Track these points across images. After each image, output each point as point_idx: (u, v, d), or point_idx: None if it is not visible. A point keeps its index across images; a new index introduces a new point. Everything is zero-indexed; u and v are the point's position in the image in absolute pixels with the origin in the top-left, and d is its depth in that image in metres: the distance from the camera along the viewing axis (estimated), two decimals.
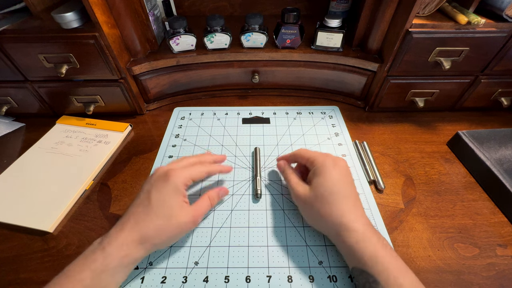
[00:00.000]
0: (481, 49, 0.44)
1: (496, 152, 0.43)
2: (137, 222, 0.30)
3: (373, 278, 0.26)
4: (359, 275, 0.28)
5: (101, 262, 0.27)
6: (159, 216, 0.30)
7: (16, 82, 0.49)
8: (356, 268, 0.28)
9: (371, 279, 0.26)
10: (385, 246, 0.28)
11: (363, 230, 0.29)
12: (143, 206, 0.31)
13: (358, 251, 0.28)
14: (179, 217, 0.31)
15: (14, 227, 0.37)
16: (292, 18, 0.49)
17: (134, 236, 0.29)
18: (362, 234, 0.29)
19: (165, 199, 0.31)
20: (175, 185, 0.31)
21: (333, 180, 0.32)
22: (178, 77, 0.55)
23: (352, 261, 0.29)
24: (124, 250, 0.28)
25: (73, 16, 0.41)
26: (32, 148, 0.48)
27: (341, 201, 0.31)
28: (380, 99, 0.53)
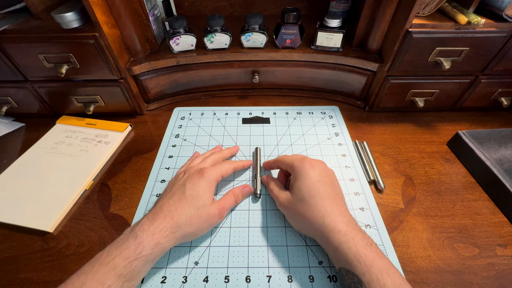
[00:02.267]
0: (481, 49, 0.44)
1: (496, 152, 0.43)
2: (170, 211, 0.31)
3: (358, 278, 0.26)
4: (345, 276, 0.28)
5: (133, 249, 0.27)
6: (193, 206, 0.32)
7: (16, 82, 0.49)
8: (343, 268, 0.28)
9: (356, 279, 0.26)
10: (369, 245, 0.28)
11: (345, 229, 0.29)
12: (178, 197, 0.32)
13: (342, 252, 0.28)
14: (209, 209, 0.33)
15: (14, 227, 0.37)
16: (292, 18, 0.49)
17: (167, 224, 0.30)
18: (345, 234, 0.29)
19: (199, 193, 0.33)
20: (209, 181, 0.34)
21: (311, 182, 0.32)
22: (178, 77, 0.55)
23: (338, 262, 0.29)
24: (157, 238, 0.29)
25: (73, 16, 0.41)
26: (32, 148, 0.48)
27: (321, 203, 0.31)
28: (380, 99, 0.53)
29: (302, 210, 0.32)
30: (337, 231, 0.29)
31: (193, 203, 0.32)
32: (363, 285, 0.26)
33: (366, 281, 0.26)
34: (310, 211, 0.31)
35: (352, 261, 0.27)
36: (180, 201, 0.32)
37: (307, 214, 0.31)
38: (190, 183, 0.34)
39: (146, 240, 0.28)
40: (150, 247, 0.28)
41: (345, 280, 0.28)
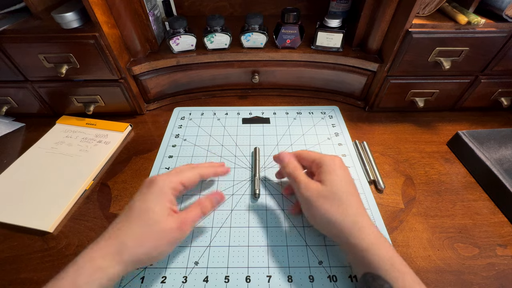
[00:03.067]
0: (481, 49, 0.44)
1: (496, 152, 0.43)
2: (114, 232, 0.27)
3: (389, 284, 0.24)
4: (371, 282, 0.25)
5: (71, 279, 0.24)
6: (140, 223, 0.27)
7: (16, 82, 0.49)
8: (370, 274, 0.26)
9: (387, 286, 0.24)
10: (397, 253, 0.27)
11: (376, 232, 0.28)
12: (124, 215, 0.28)
13: (373, 254, 0.26)
14: (162, 224, 0.28)
15: (14, 227, 0.37)
16: (292, 18, 0.49)
17: (110, 247, 0.26)
18: (377, 236, 0.27)
19: (148, 206, 0.28)
20: (160, 190, 0.29)
21: (345, 179, 0.31)
22: (178, 77, 0.55)
23: (364, 266, 0.27)
24: (97, 263, 0.24)
25: (73, 16, 0.41)
26: (32, 148, 0.48)
27: (354, 201, 0.30)
28: (380, 99, 0.53)
29: (332, 204, 0.29)
30: (368, 232, 0.27)
31: (143, 219, 0.27)
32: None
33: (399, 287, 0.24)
34: (343, 206, 0.29)
35: (385, 264, 0.25)
36: (127, 218, 0.28)
37: (339, 209, 0.29)
38: (138, 197, 0.29)
39: (85, 266, 0.24)
40: (88, 275, 0.24)
41: (371, 286, 0.25)
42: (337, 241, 0.30)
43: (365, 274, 0.26)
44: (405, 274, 0.25)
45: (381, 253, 0.26)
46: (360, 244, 0.27)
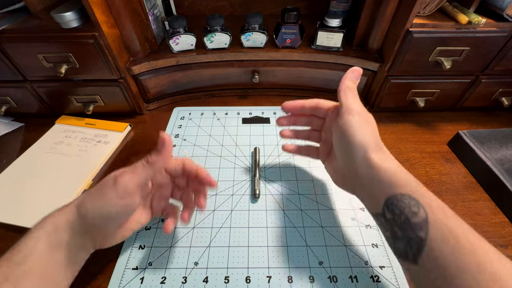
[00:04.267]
0: (481, 49, 0.44)
1: (497, 152, 0.43)
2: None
3: (415, 200, 0.23)
4: (396, 204, 0.24)
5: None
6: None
7: (15, 82, 0.49)
8: (396, 194, 0.25)
9: (413, 202, 0.23)
10: None
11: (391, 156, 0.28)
12: None
13: (400, 176, 0.26)
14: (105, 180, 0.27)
15: (13, 227, 0.37)
16: (292, 17, 0.48)
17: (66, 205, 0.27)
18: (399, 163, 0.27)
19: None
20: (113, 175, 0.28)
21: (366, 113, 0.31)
22: (178, 77, 0.55)
23: (390, 188, 0.25)
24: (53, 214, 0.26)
25: (73, 15, 0.41)
26: (31, 148, 0.48)
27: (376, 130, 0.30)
28: (380, 99, 0.52)
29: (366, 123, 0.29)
30: (393, 158, 0.28)
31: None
32: (420, 207, 0.23)
33: (425, 203, 0.23)
34: (375, 130, 0.29)
35: (412, 185, 0.25)
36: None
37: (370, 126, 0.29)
38: None
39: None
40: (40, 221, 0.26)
41: (395, 209, 0.24)
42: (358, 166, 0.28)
43: (387, 199, 0.25)
44: (431, 194, 0.24)
45: (407, 176, 0.26)
46: (389, 166, 0.26)
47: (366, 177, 0.27)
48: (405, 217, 0.23)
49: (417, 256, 0.22)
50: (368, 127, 0.29)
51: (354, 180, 0.30)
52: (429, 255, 0.22)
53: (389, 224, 0.25)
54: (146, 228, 0.37)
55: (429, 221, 0.22)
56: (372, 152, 0.27)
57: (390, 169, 0.26)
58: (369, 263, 0.33)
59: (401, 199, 0.24)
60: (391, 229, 0.25)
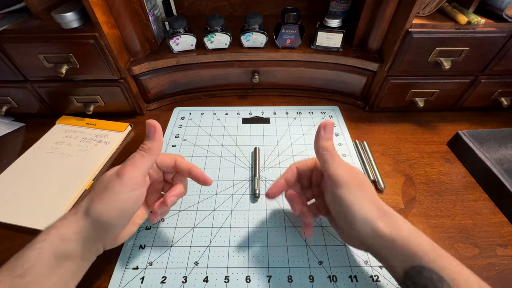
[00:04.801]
0: (481, 49, 0.44)
1: (496, 152, 0.43)
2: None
3: (437, 275, 0.22)
4: (416, 276, 0.23)
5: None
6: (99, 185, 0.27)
7: (16, 82, 0.49)
8: (414, 267, 0.23)
9: (435, 277, 0.22)
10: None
11: (406, 220, 0.26)
12: None
13: (415, 243, 0.24)
14: (108, 175, 0.27)
15: (14, 227, 0.37)
16: (292, 18, 0.49)
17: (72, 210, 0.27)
18: (410, 224, 0.25)
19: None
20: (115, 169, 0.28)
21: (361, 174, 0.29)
22: (178, 77, 0.55)
23: (406, 259, 0.24)
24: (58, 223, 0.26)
25: (73, 16, 0.41)
26: (32, 148, 0.48)
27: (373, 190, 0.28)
28: (380, 99, 0.52)
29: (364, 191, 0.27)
30: (401, 219, 0.25)
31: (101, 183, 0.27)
32: (444, 284, 0.22)
33: (449, 277, 0.22)
34: (371, 192, 0.27)
35: (430, 253, 0.23)
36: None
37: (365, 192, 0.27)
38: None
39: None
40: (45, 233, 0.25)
41: (418, 283, 0.23)
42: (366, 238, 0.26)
43: (410, 268, 0.23)
44: (450, 259, 0.23)
45: (422, 242, 0.24)
46: (400, 234, 0.24)
47: (378, 247, 0.26)
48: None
49: None
50: (365, 196, 0.26)
51: (365, 247, 0.28)
52: None
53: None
54: (146, 228, 0.37)
55: None
56: (378, 221, 0.25)
57: (403, 236, 0.24)
58: (369, 262, 0.33)
59: (422, 273, 0.23)
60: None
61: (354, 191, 0.26)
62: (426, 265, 0.23)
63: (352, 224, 0.26)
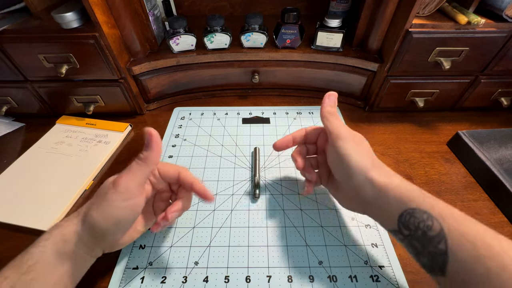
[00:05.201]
0: (481, 49, 0.44)
1: (496, 152, 0.43)
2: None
3: (427, 214, 0.24)
4: (409, 219, 0.25)
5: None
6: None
7: (16, 82, 0.49)
8: (407, 210, 0.25)
9: (425, 216, 0.24)
10: None
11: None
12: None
13: (405, 189, 0.26)
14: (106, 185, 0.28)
15: (14, 227, 0.37)
16: (292, 18, 0.49)
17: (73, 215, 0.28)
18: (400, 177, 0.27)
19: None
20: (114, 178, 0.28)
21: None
22: (178, 77, 0.55)
23: (398, 205, 0.26)
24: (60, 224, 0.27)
25: (73, 16, 0.41)
26: (32, 148, 0.48)
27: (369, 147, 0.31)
28: (380, 99, 0.52)
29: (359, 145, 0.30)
30: (392, 171, 0.28)
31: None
32: (434, 220, 0.23)
33: (436, 214, 0.24)
34: (368, 148, 0.30)
35: (419, 196, 0.25)
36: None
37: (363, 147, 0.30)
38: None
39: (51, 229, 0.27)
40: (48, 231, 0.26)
41: (410, 225, 0.25)
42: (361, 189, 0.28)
43: (400, 216, 0.25)
44: (438, 200, 0.25)
45: (412, 188, 0.26)
46: (392, 182, 0.27)
47: (373, 198, 0.28)
48: (422, 231, 0.24)
49: (443, 268, 0.23)
50: (361, 149, 0.29)
51: (360, 201, 0.29)
52: (454, 266, 0.22)
53: (408, 239, 0.25)
54: None
55: (445, 233, 0.23)
56: (372, 171, 0.27)
57: (393, 184, 0.26)
58: (369, 262, 0.33)
59: (413, 214, 0.24)
60: (412, 245, 0.25)
61: (352, 144, 0.29)
62: (416, 206, 0.24)
63: (349, 174, 0.29)
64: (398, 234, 0.26)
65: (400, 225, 0.26)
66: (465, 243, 0.22)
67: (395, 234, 0.27)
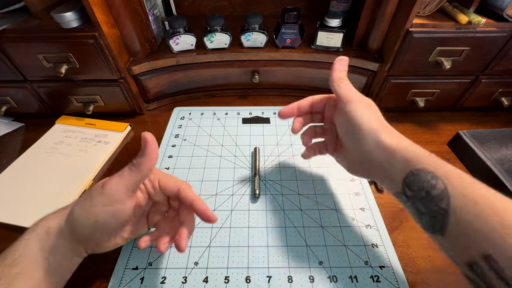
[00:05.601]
0: (481, 49, 0.44)
1: (496, 152, 0.43)
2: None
3: (431, 174, 0.23)
4: (413, 181, 0.24)
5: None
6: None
7: (15, 82, 0.49)
8: (412, 171, 0.25)
9: (429, 176, 0.23)
10: None
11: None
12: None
13: (413, 151, 0.26)
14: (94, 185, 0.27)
15: (13, 227, 0.37)
16: (292, 17, 0.48)
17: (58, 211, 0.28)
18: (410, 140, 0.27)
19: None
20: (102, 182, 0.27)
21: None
22: (178, 77, 0.55)
23: (405, 166, 0.25)
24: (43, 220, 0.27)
25: (73, 15, 0.41)
26: (31, 148, 0.48)
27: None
28: (380, 99, 0.52)
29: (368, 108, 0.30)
30: (403, 136, 0.28)
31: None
32: (438, 179, 0.23)
33: (441, 174, 0.23)
34: (378, 112, 0.30)
35: (424, 157, 0.25)
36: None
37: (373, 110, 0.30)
38: None
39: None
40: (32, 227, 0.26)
41: (414, 185, 0.24)
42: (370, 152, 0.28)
43: (405, 177, 0.25)
44: (445, 163, 0.24)
45: (420, 150, 0.26)
46: (401, 144, 0.26)
47: (381, 159, 0.27)
48: (425, 192, 0.23)
49: (444, 227, 0.22)
50: (371, 111, 0.29)
51: (368, 164, 0.29)
52: (455, 225, 0.22)
53: (411, 201, 0.25)
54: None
55: (449, 192, 0.22)
56: (382, 133, 0.27)
57: (402, 146, 0.26)
58: (369, 263, 0.33)
59: (418, 175, 0.24)
60: (415, 206, 0.25)
61: (362, 107, 0.29)
62: (423, 167, 0.24)
63: (358, 137, 0.28)
64: (402, 195, 0.26)
65: (404, 186, 0.25)
66: (468, 202, 0.21)
67: (399, 196, 0.27)
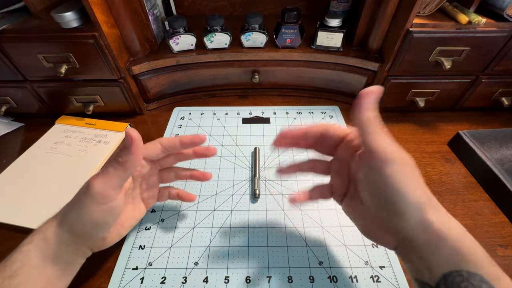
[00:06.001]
0: (481, 49, 0.44)
1: (497, 152, 0.43)
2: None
3: (488, 284, 0.19)
4: (460, 282, 0.19)
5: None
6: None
7: (15, 82, 0.49)
8: (459, 271, 0.20)
9: (484, 286, 0.19)
10: None
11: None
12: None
13: (465, 244, 0.20)
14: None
15: (14, 227, 0.37)
16: (292, 17, 0.48)
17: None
18: (458, 223, 0.21)
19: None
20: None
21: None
22: (178, 77, 0.55)
23: (450, 261, 0.20)
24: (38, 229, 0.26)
25: (73, 15, 0.41)
26: (31, 148, 0.48)
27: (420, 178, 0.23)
28: (380, 99, 0.52)
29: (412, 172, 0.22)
30: (450, 216, 0.22)
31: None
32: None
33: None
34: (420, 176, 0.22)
35: (480, 256, 0.20)
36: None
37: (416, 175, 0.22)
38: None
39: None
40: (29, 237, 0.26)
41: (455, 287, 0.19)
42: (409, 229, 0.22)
43: (448, 273, 0.20)
44: (503, 273, 0.20)
45: (474, 245, 0.20)
46: (452, 232, 0.21)
47: (421, 242, 0.22)
48: None
49: None
50: (416, 178, 0.22)
51: (397, 237, 0.24)
52: None
53: None
54: (146, 228, 0.37)
55: None
56: (429, 212, 0.21)
57: (453, 235, 0.21)
58: (369, 263, 0.33)
59: (468, 279, 0.19)
60: None
61: (405, 171, 0.21)
62: (478, 273, 0.19)
63: (396, 209, 0.22)
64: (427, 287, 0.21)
65: (441, 283, 0.20)
66: None
67: (422, 286, 0.22)
